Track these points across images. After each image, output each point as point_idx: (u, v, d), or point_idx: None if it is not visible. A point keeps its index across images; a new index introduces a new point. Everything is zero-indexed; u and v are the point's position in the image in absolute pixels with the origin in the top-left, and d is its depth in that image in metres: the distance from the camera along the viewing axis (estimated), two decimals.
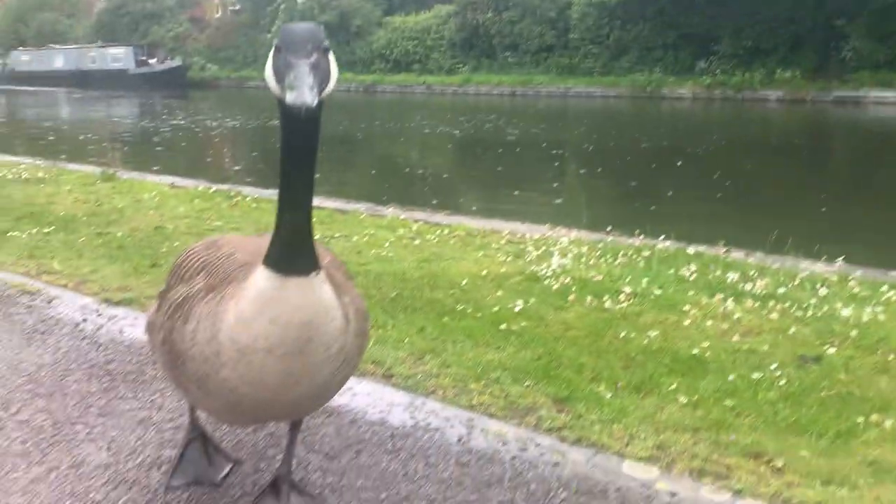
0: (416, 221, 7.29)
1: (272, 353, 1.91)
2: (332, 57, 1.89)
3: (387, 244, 6.30)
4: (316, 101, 1.73)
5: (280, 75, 1.81)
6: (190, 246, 2.44)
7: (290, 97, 1.73)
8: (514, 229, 6.97)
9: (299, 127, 1.84)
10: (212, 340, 1.97)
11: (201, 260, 2.25)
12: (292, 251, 1.91)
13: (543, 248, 6.13)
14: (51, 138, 20.23)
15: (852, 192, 12.81)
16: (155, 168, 12.71)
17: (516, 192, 12.68)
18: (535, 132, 21.61)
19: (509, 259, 5.82)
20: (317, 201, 8.89)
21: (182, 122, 24.22)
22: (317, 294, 1.94)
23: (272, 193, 8.43)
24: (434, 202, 10.10)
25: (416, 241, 6.45)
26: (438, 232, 6.81)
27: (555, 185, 14.08)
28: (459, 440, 2.99)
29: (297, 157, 1.91)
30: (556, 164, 16.87)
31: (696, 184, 13.69)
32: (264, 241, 2.03)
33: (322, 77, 1.81)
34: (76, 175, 10.12)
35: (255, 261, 2.01)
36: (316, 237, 2.02)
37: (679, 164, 15.33)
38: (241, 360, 1.93)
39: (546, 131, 22.04)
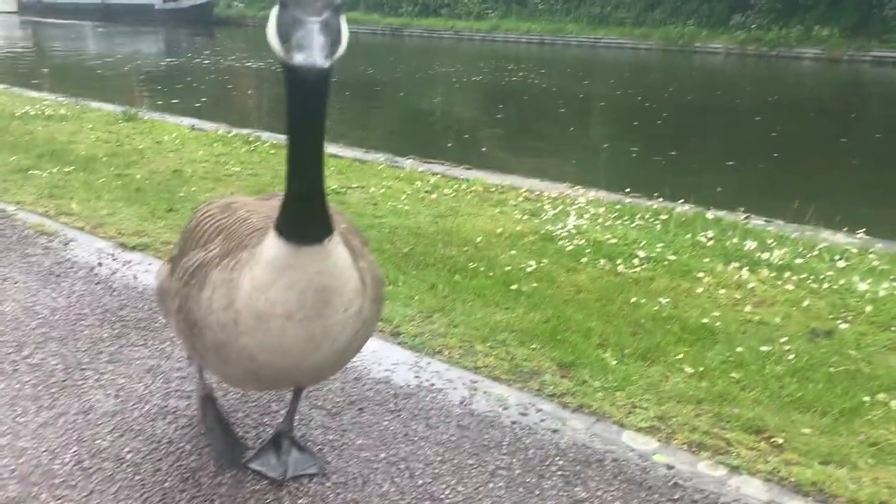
0: (434, 174, 7.25)
1: (291, 318, 1.90)
2: (343, 18, 1.78)
3: (403, 197, 6.28)
4: (328, 64, 1.63)
5: (286, 34, 1.70)
6: (203, 207, 2.40)
7: (298, 58, 1.62)
8: (532, 186, 6.91)
9: (307, 91, 1.73)
10: (228, 308, 1.95)
11: (217, 224, 2.22)
12: (304, 219, 1.88)
13: (560, 207, 6.07)
14: (73, 74, 20.24)
15: (883, 159, 12.49)
16: (177, 108, 12.69)
17: (539, 146, 12.54)
18: (563, 83, 21.21)
19: (525, 217, 5.78)
20: (335, 150, 8.81)
21: (206, 61, 24.06)
22: (332, 259, 1.91)
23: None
24: (454, 154, 10.01)
25: (433, 195, 6.42)
26: (456, 186, 6.76)
27: (578, 140, 13.88)
28: (462, 402, 3.02)
29: (305, 122, 1.83)
30: (581, 117, 16.59)
31: (721, 145, 13.42)
32: (278, 204, 2.00)
33: (333, 37, 1.70)
34: (98, 114, 10.14)
35: (269, 225, 1.97)
36: (334, 187, 1.97)
37: (705, 123, 15.02)
38: (259, 327, 1.91)
39: (574, 82, 21.63)
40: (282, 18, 1.73)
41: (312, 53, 1.61)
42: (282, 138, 8.30)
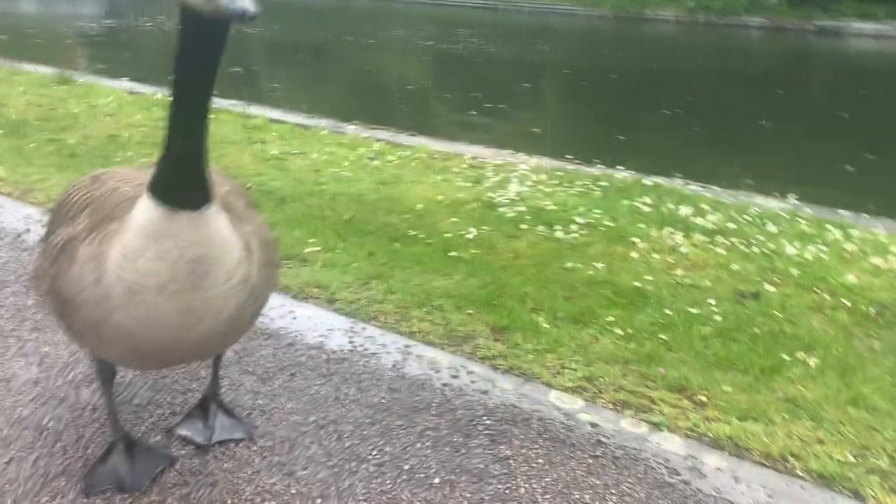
0: (378, 141, 7.19)
1: (164, 290, 1.79)
2: None
3: (346, 164, 6.22)
4: (258, 9, 1.50)
5: None
6: (72, 183, 2.26)
7: (229, 3, 1.50)
8: (476, 153, 6.91)
9: (209, 37, 1.64)
10: (98, 282, 1.84)
11: (83, 197, 2.09)
12: (181, 182, 1.77)
13: (503, 174, 6.09)
14: (4, 34, 19.38)
15: (819, 126, 12.82)
16: (115, 71, 12.28)
17: (486, 113, 12.50)
18: (514, 50, 21.14)
19: (468, 185, 5.79)
20: (278, 115, 8.67)
21: (150, 23, 23.28)
22: (211, 228, 1.81)
23: (231, 104, 8.23)
24: (401, 120, 9.93)
25: (376, 162, 6.38)
26: (400, 153, 6.73)
27: (525, 106, 13.90)
28: (394, 366, 3.04)
29: (199, 72, 1.72)
30: (530, 84, 16.60)
31: (665, 112, 13.58)
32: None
33: None
34: (31, 76, 9.75)
35: (142, 193, 1.86)
36: (275, 153, 1.93)
37: (650, 91, 15.18)
38: (131, 301, 1.81)
39: (525, 49, 21.57)
40: None
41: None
42: (221, 104, 8.14)
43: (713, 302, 3.83)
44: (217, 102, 8.37)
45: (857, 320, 3.69)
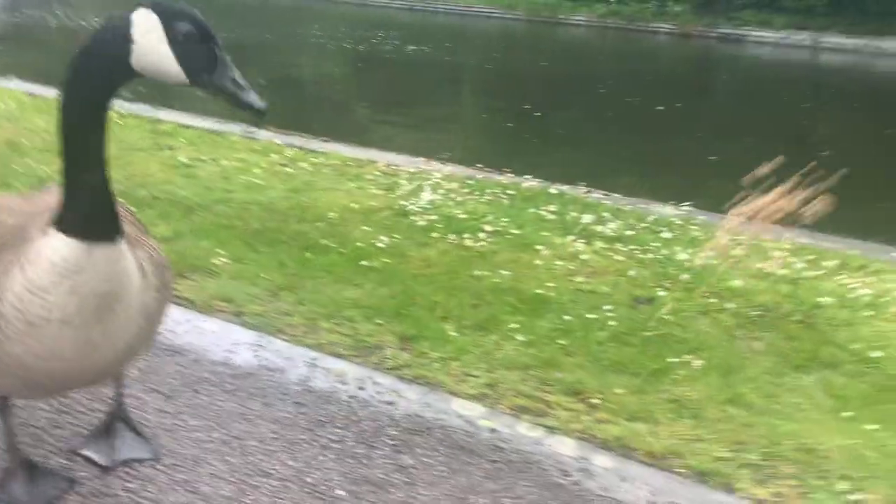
0: (291, 147, 7.17)
1: (68, 323, 1.78)
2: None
3: (257, 171, 6.20)
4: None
5: (212, 69, 1.74)
6: None
7: (256, 100, 1.75)
8: (390, 160, 7.00)
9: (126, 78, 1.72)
10: None
11: None
12: (96, 215, 1.76)
13: (417, 182, 6.20)
14: None
15: (722, 131, 13.50)
16: (14, 71, 11.74)
17: (402, 118, 12.61)
18: (431, 52, 21.31)
19: (381, 192, 5.87)
20: (187, 120, 8.52)
21: (55, 21, 22.28)
22: (125, 261, 1.83)
23: (141, 108, 8.04)
24: (316, 125, 9.91)
25: (289, 169, 6.38)
26: (313, 159, 6.74)
27: (441, 112, 14.07)
28: (300, 380, 3.10)
29: (101, 103, 1.75)
30: (446, 88, 16.81)
31: (577, 118, 14.02)
32: (39, 202, 1.87)
33: None
34: None
35: (29, 223, 1.83)
36: (184, 160, 1.95)
37: (561, 95, 15.61)
38: (30, 333, 1.78)
39: (441, 51, 21.78)
40: (198, 51, 1.72)
41: (256, 96, 1.77)
42: (131, 108, 7.94)
43: (610, 307, 4.04)
44: (124, 106, 8.18)
45: (740, 322, 3.97)
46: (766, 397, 3.26)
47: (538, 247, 4.84)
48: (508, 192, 5.96)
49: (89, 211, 1.77)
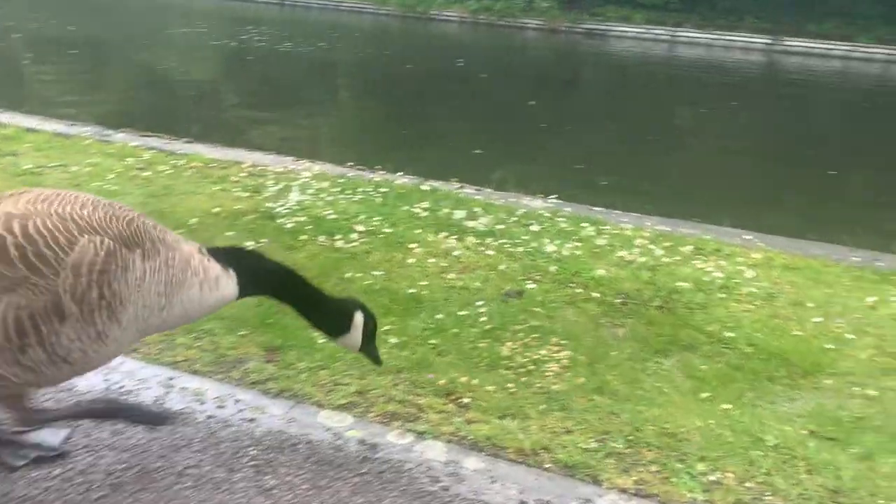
0: (149, 150, 6.78)
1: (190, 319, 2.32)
2: None
3: (111, 176, 5.82)
4: None
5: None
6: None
7: (378, 358, 2.87)
8: (257, 160, 6.74)
9: None
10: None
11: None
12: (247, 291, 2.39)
13: (284, 182, 6.01)
14: None
15: (585, 123, 13.98)
16: None
17: (270, 116, 12.26)
18: (303, 49, 20.86)
19: (246, 195, 5.64)
20: (34, 123, 7.91)
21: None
22: None
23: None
24: (179, 126, 9.45)
25: (147, 173, 6.02)
26: (173, 162, 6.40)
27: (311, 108, 13.79)
28: (155, 402, 2.90)
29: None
30: (317, 85, 16.50)
31: (450, 113, 14.12)
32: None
33: None
34: None
35: (195, 252, 2.28)
36: (29, 166, 1.75)
37: (437, 90, 15.69)
38: (175, 320, 2.35)
39: (313, 48, 21.37)
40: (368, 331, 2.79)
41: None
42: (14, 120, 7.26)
43: (482, 303, 4.05)
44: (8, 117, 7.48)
45: (604, 310, 4.08)
46: (629, 383, 3.35)
47: (411, 245, 4.79)
48: (381, 189, 5.87)
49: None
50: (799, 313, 4.17)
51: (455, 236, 5.02)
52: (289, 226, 5.00)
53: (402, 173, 6.47)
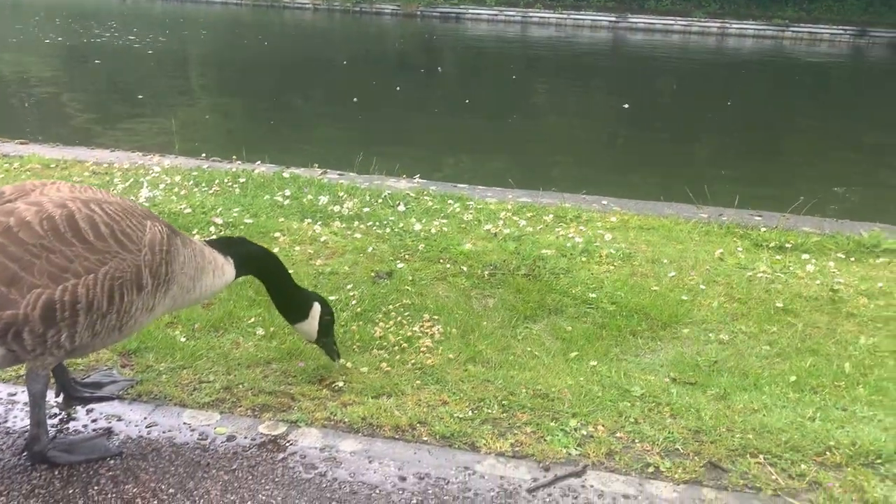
0: None
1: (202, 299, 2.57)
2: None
3: None
4: None
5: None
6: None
7: (336, 355, 3.13)
8: (100, 158, 6.31)
9: None
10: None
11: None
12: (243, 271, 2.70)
13: (133, 178, 5.65)
14: None
15: (451, 105, 14.11)
16: None
17: (118, 111, 11.52)
18: (150, 41, 19.76)
19: None
20: None
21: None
22: None
23: None
24: (12, 127, 8.70)
25: None
26: (7, 165, 5.87)
27: (164, 104, 13.09)
28: None
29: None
30: (167, 78, 15.69)
31: (310, 100, 13.83)
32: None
33: None
34: None
35: (203, 246, 2.48)
36: None
37: (295, 78, 15.33)
38: (192, 298, 2.61)
39: (161, 40, 20.29)
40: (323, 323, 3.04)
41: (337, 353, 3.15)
42: None
43: (351, 286, 3.97)
44: None
45: (474, 283, 4.11)
46: (501, 351, 3.39)
47: (275, 234, 4.64)
48: (239, 180, 5.64)
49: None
50: (655, 270, 4.38)
51: (320, 222, 4.90)
52: None
53: (259, 162, 6.25)
